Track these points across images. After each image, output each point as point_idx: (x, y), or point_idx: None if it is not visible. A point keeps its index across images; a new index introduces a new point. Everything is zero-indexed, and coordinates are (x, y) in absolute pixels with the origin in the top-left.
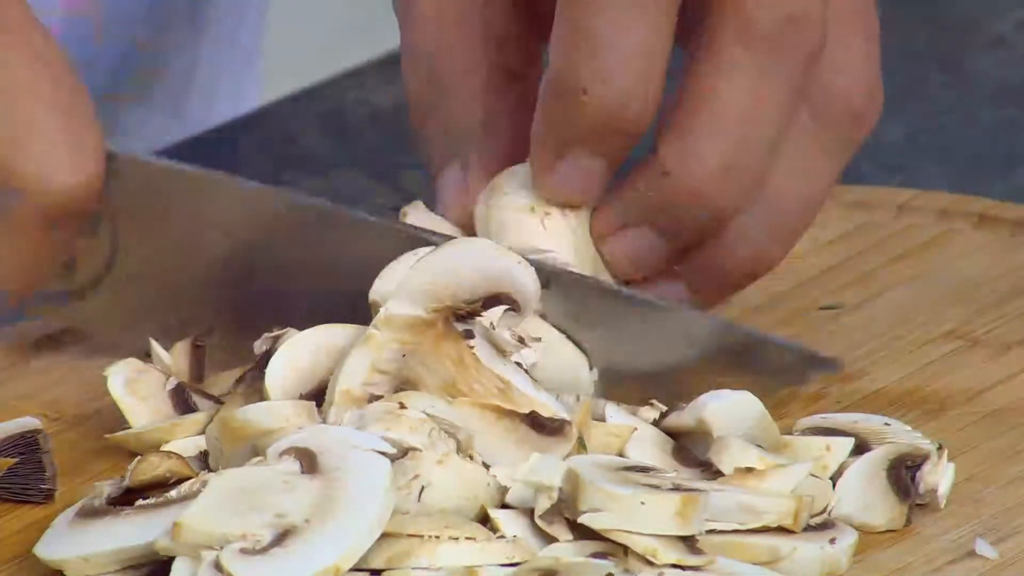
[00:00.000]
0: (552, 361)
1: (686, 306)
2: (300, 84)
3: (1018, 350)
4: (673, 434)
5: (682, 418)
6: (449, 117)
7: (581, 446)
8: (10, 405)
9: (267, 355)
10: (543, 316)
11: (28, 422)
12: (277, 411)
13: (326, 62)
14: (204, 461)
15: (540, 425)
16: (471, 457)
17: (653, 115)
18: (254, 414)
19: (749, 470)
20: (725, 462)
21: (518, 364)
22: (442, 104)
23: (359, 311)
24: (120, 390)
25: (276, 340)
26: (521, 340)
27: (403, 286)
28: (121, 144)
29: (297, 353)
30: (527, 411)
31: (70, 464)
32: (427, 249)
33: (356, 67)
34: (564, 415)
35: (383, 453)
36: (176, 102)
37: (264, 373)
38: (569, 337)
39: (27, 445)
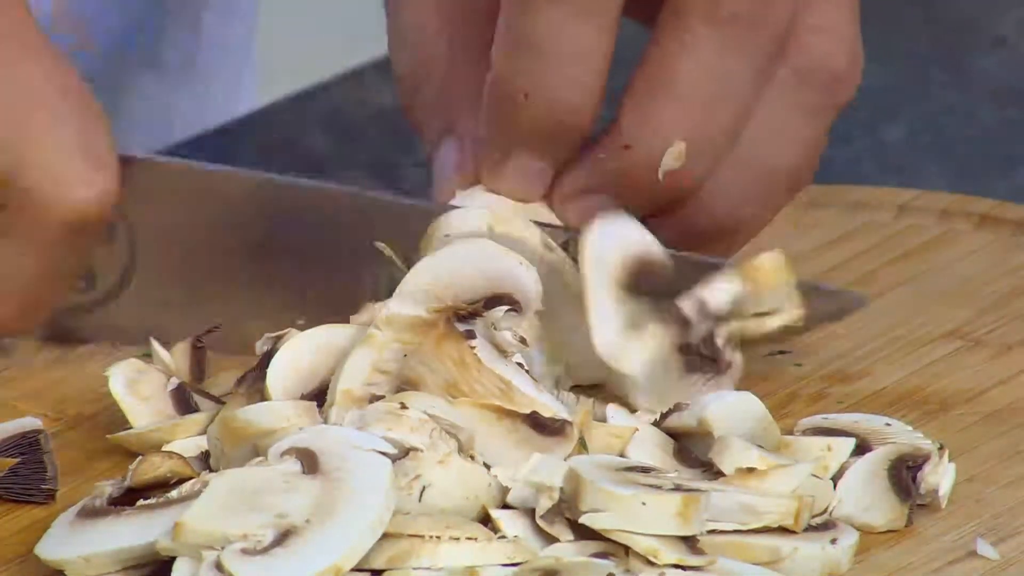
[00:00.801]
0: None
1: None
2: (300, 84)
3: (1019, 350)
4: (674, 434)
5: (683, 418)
6: (440, 92)
7: (582, 446)
8: (11, 405)
9: (268, 355)
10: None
11: (29, 422)
12: (278, 411)
13: (326, 62)
14: (205, 461)
15: (541, 425)
16: (472, 457)
17: (595, 118)
18: (255, 414)
19: (750, 470)
20: (726, 462)
21: (519, 365)
22: (432, 79)
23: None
24: (121, 390)
25: (277, 340)
26: (523, 340)
27: (405, 286)
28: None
29: (298, 353)
30: (528, 411)
31: (71, 464)
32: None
33: (356, 67)
34: (565, 415)
35: (384, 453)
36: (173, 91)
37: (265, 373)
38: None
39: (28, 445)
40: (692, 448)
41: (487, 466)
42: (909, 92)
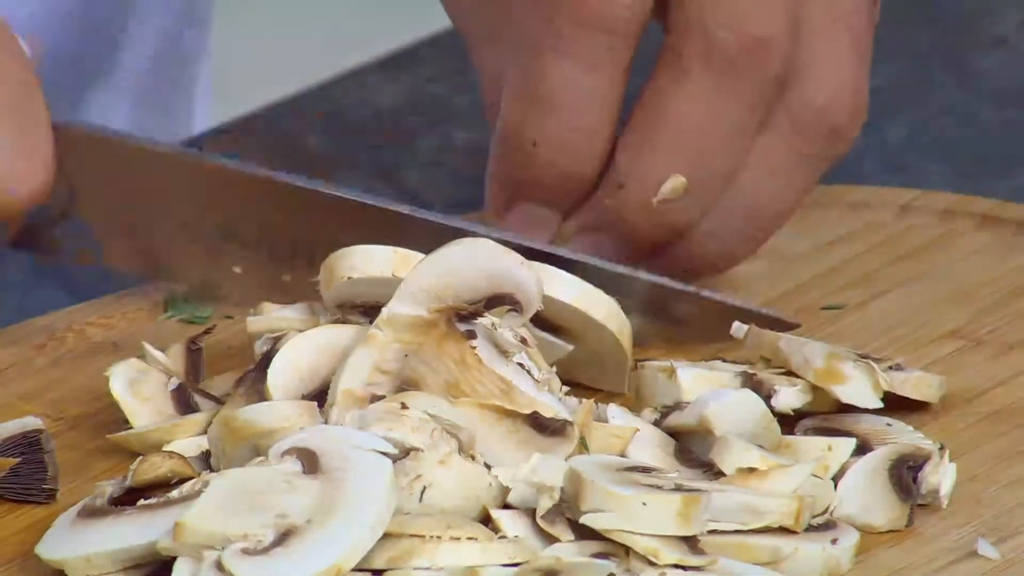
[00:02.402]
0: None
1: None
2: (300, 84)
3: (1020, 350)
4: (675, 434)
5: (683, 417)
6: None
7: (583, 447)
8: (12, 405)
9: (268, 355)
10: None
11: (30, 422)
12: (279, 411)
13: (326, 62)
14: (206, 461)
15: (542, 426)
16: (473, 457)
17: (601, 168)
18: (256, 414)
19: (751, 470)
20: (727, 462)
21: (520, 365)
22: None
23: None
24: (122, 390)
25: (277, 340)
26: (523, 341)
27: (405, 286)
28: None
29: (299, 353)
30: (529, 412)
31: (72, 464)
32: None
33: (356, 67)
34: (566, 416)
35: (385, 453)
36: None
37: (265, 373)
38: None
39: (29, 445)
40: (693, 448)
41: (488, 466)
42: (910, 92)
